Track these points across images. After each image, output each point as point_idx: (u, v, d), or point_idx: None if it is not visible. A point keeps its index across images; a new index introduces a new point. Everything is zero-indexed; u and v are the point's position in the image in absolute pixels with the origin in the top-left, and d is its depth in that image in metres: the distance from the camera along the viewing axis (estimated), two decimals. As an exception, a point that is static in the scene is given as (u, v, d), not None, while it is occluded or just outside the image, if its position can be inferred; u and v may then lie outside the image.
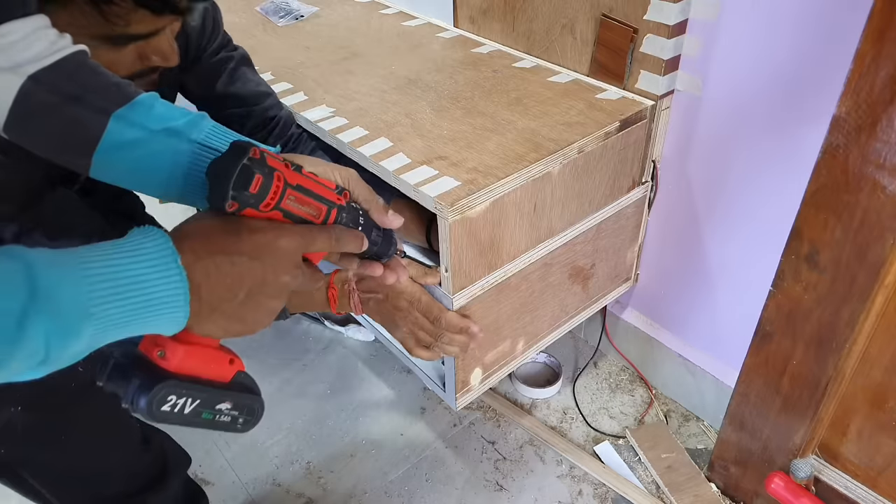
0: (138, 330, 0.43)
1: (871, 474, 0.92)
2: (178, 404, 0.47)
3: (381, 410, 1.31)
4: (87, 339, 0.40)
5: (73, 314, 0.39)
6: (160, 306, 0.42)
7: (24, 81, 0.51)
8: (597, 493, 1.15)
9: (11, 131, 0.53)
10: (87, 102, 0.54)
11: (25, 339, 0.36)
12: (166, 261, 0.43)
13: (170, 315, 0.43)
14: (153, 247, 0.43)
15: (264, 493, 1.18)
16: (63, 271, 0.39)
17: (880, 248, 0.75)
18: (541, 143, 0.89)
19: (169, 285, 0.42)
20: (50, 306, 0.37)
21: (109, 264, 0.41)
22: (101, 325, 0.40)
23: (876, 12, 0.66)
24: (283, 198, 0.48)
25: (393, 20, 1.34)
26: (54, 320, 0.38)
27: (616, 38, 0.99)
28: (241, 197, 0.46)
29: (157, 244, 0.43)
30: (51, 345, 0.38)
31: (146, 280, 0.41)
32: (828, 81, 0.82)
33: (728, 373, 1.16)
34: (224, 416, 0.51)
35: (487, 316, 0.93)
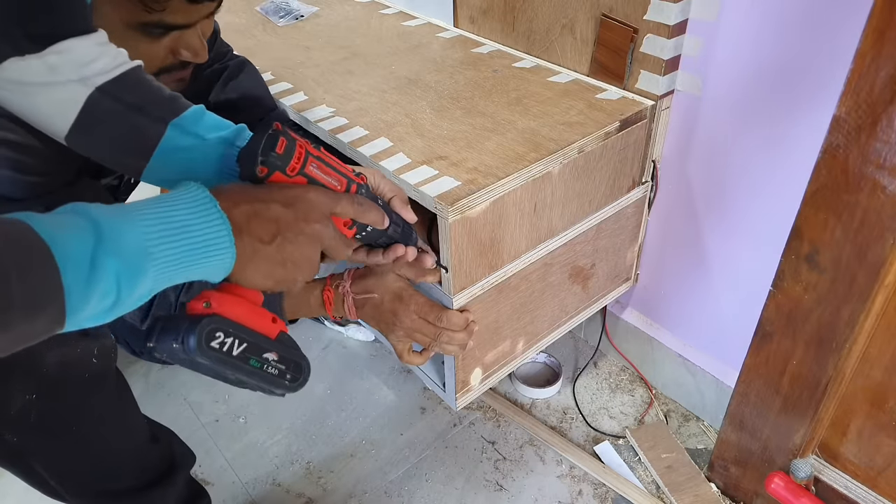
0: (194, 273, 0.47)
1: (871, 474, 0.93)
2: (227, 343, 0.49)
3: (381, 410, 1.31)
4: (151, 280, 0.44)
5: (135, 253, 0.43)
6: (207, 248, 0.47)
7: (92, 92, 0.58)
8: (597, 493, 1.15)
9: (74, 137, 0.59)
10: (147, 112, 0.60)
11: (98, 279, 0.41)
12: (207, 207, 0.47)
13: (218, 257, 0.48)
14: (192, 196, 0.48)
15: (264, 493, 1.18)
16: (121, 218, 0.44)
17: (880, 248, 0.75)
18: (541, 143, 0.89)
19: (211, 228, 0.47)
20: (115, 247, 0.42)
21: (158, 212, 0.46)
22: (159, 265, 0.44)
23: (876, 12, 0.66)
24: (307, 163, 0.53)
25: (393, 20, 1.34)
26: (121, 259, 0.42)
27: (616, 38, 0.99)
28: (269, 160, 0.51)
29: (195, 194, 0.48)
30: (121, 283, 0.42)
31: (192, 224, 0.46)
32: (828, 81, 0.82)
33: (728, 373, 1.16)
34: (271, 367, 0.52)
35: (487, 316, 0.93)
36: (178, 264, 0.46)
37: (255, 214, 0.50)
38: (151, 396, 1.35)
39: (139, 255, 0.43)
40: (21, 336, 0.39)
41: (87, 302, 0.41)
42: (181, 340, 0.48)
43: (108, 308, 0.43)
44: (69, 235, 0.40)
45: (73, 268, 0.40)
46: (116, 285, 0.42)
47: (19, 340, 0.39)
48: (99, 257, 0.41)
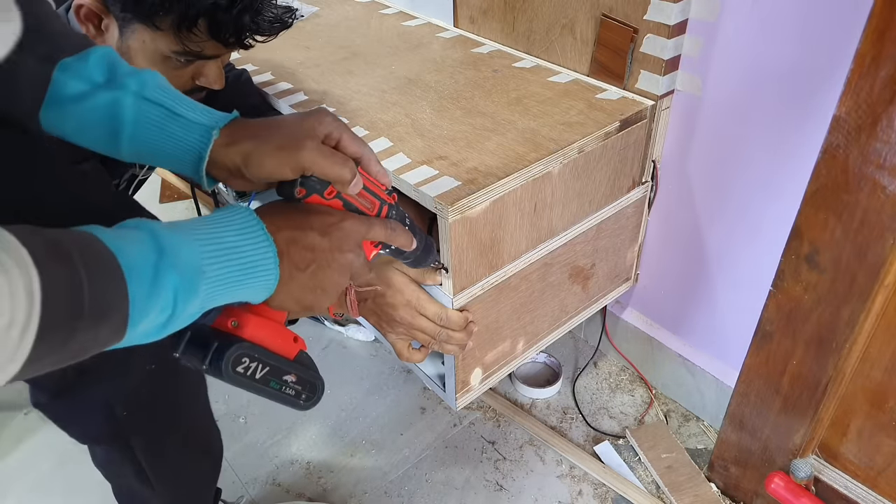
0: (238, 294, 0.48)
1: (871, 474, 0.93)
2: (251, 368, 0.52)
3: (381, 410, 1.31)
4: (202, 298, 0.45)
5: (191, 270, 0.44)
6: (254, 270, 0.48)
7: None
8: (597, 493, 1.15)
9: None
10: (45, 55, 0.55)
11: (159, 292, 0.41)
12: (255, 230, 0.48)
13: (263, 279, 0.49)
14: (241, 219, 0.49)
15: (264, 493, 1.18)
16: (178, 235, 0.44)
17: (880, 248, 0.75)
18: (541, 143, 0.89)
19: (259, 251, 0.48)
20: (175, 262, 0.43)
21: (211, 232, 0.46)
22: (211, 284, 0.45)
23: (876, 12, 0.66)
24: None
25: (393, 20, 1.34)
26: (180, 274, 0.43)
27: (616, 38, 0.99)
28: (308, 182, 0.52)
29: (244, 217, 0.49)
30: (178, 299, 0.43)
31: (241, 246, 0.47)
32: (828, 81, 0.82)
33: (728, 373, 1.16)
34: (289, 388, 0.56)
35: (487, 316, 0.93)
36: (227, 284, 0.47)
37: (294, 241, 0.51)
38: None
39: (194, 273, 0.44)
40: (83, 346, 0.39)
41: (146, 314, 0.41)
42: (209, 362, 0.50)
43: (162, 323, 0.43)
44: (133, 247, 0.41)
45: (138, 279, 0.40)
46: (174, 300, 0.43)
47: (80, 351, 0.39)
48: (161, 270, 0.42)
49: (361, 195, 0.56)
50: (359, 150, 0.57)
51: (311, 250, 0.52)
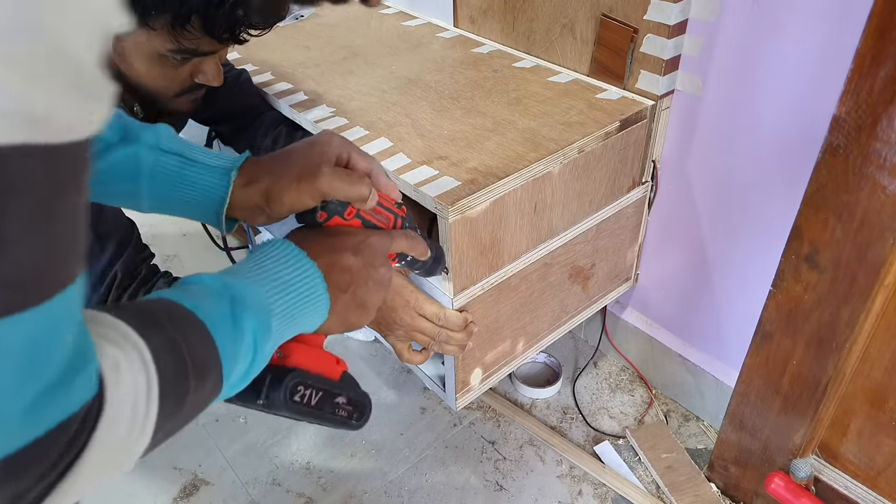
0: (299, 326, 0.49)
1: (871, 474, 0.93)
2: (306, 395, 0.53)
3: (381, 410, 1.31)
4: (274, 335, 0.46)
5: (262, 310, 0.45)
6: (310, 298, 0.49)
7: None
8: (597, 493, 1.15)
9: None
10: None
11: (242, 338, 0.42)
12: (302, 261, 0.50)
13: (319, 306, 0.50)
14: (288, 253, 0.50)
15: (264, 493, 1.18)
16: (241, 280, 0.46)
17: (880, 248, 0.75)
18: (541, 143, 0.89)
19: (310, 280, 0.49)
20: (247, 305, 0.43)
21: (267, 270, 0.48)
22: (279, 320, 0.46)
23: (876, 12, 0.66)
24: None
25: (393, 20, 1.34)
26: (255, 316, 0.43)
27: (616, 38, 0.99)
28: (328, 206, 0.54)
29: (290, 251, 0.50)
30: (257, 341, 0.44)
31: (296, 280, 0.48)
32: (828, 81, 0.82)
33: (728, 373, 1.16)
34: (342, 410, 0.56)
35: (487, 316, 0.93)
36: (291, 318, 0.47)
37: (332, 265, 0.52)
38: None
39: (265, 312, 0.45)
40: (193, 406, 0.39)
41: (235, 362, 0.42)
42: (266, 396, 0.50)
43: (246, 369, 0.44)
44: (207, 301, 0.42)
45: (222, 330, 0.41)
46: (254, 343, 0.43)
47: (191, 413, 0.39)
48: (238, 316, 0.42)
49: (377, 211, 0.57)
50: (368, 166, 0.58)
51: (349, 271, 0.53)
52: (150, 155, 0.58)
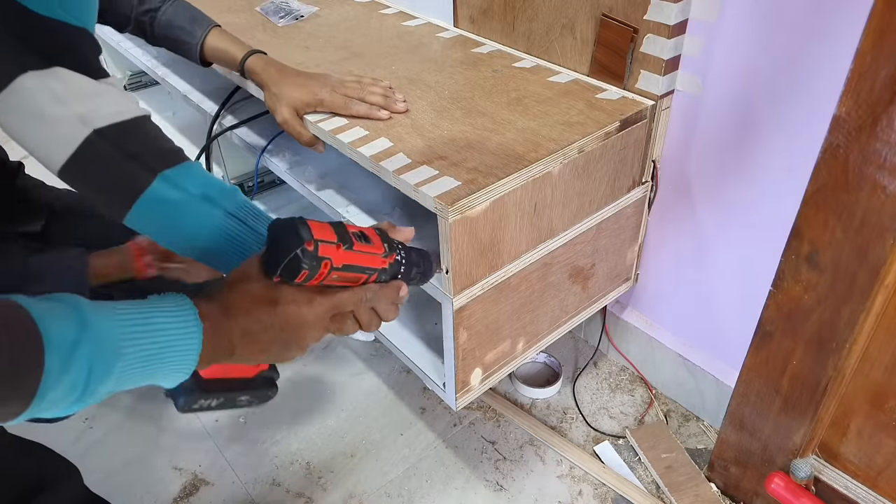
0: (152, 375, 0.47)
1: (871, 474, 0.93)
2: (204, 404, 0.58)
3: (381, 410, 1.31)
4: (115, 379, 0.44)
5: (109, 349, 0.43)
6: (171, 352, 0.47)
7: (90, 134, 0.59)
8: (597, 493, 1.15)
9: (66, 173, 0.61)
10: (142, 160, 0.62)
11: (73, 366, 0.41)
12: (186, 313, 0.48)
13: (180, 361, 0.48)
14: (174, 302, 0.48)
15: (264, 493, 1.18)
16: (102, 312, 0.44)
17: (880, 248, 0.75)
18: (541, 143, 0.89)
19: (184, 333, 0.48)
20: (95, 337, 0.42)
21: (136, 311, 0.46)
22: (126, 364, 0.45)
23: (876, 12, 0.66)
24: (326, 278, 0.53)
25: (393, 20, 1.34)
26: (97, 351, 0.42)
27: (616, 38, 0.99)
28: (285, 280, 0.52)
29: (178, 301, 0.49)
30: (91, 378, 0.42)
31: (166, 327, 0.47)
32: (828, 81, 0.82)
33: (728, 373, 1.16)
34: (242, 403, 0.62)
35: (487, 316, 0.93)
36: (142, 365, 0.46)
37: (247, 333, 0.52)
38: (152, 396, 1.35)
39: (112, 352, 0.44)
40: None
41: (56, 387, 0.41)
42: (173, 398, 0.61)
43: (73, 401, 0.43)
44: (57, 322, 0.41)
45: (56, 353, 0.40)
46: (86, 378, 0.42)
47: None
48: (80, 344, 0.41)
49: (346, 277, 0.54)
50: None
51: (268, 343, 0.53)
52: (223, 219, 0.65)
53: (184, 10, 1.06)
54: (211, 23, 1.06)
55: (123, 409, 1.33)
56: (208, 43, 1.04)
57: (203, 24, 1.05)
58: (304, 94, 0.97)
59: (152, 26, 1.05)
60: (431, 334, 1.11)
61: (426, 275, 0.64)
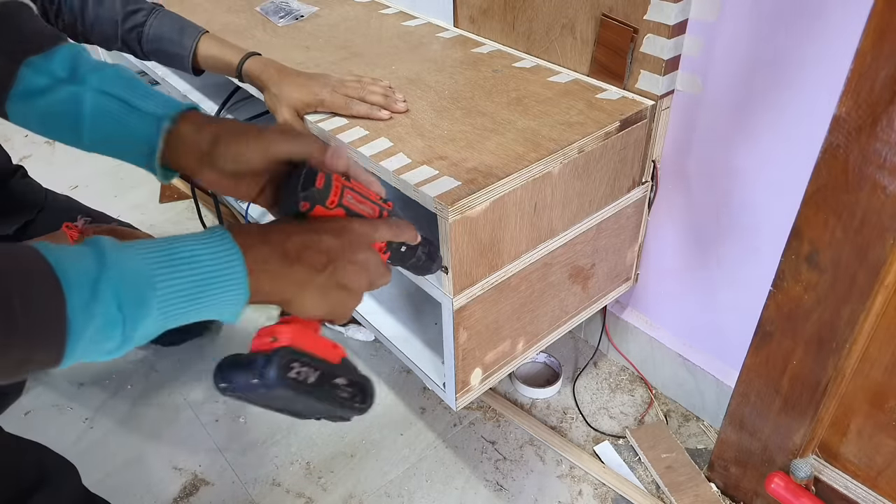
0: (202, 310, 0.45)
1: (871, 474, 0.93)
2: (303, 372, 0.50)
3: (381, 410, 1.31)
4: (156, 313, 0.43)
5: (139, 283, 0.42)
6: (217, 280, 0.45)
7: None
8: (597, 493, 1.15)
9: None
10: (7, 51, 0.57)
11: (98, 305, 0.40)
12: (217, 239, 0.46)
13: (228, 290, 0.46)
14: (204, 234, 0.47)
15: (264, 493, 1.18)
16: (127, 250, 0.43)
17: (880, 248, 0.75)
18: (541, 143, 0.89)
19: (220, 259, 0.46)
20: (118, 274, 0.41)
21: (163, 244, 0.45)
22: (164, 297, 0.43)
23: (876, 12, 0.66)
24: (343, 195, 0.54)
25: (393, 20, 1.34)
26: (124, 287, 0.41)
27: (616, 38, 0.99)
28: (310, 194, 0.52)
29: (209, 231, 0.47)
30: (125, 313, 0.41)
31: (198, 256, 0.45)
32: (828, 81, 0.82)
33: (728, 373, 1.16)
34: (343, 391, 0.54)
35: (487, 316, 0.93)
36: (185, 297, 0.44)
37: (307, 246, 0.51)
38: (152, 397, 1.35)
39: (142, 286, 0.42)
40: (17, 364, 0.38)
41: (85, 331, 0.40)
42: (259, 374, 0.48)
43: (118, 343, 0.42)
44: (75, 263, 0.40)
45: (77, 294, 0.39)
46: (121, 315, 0.41)
47: (14, 370, 0.38)
48: (101, 283, 0.40)
49: (358, 200, 0.57)
50: (345, 162, 0.57)
51: (326, 252, 0.52)
52: (93, 97, 0.58)
53: (170, 21, 1.04)
54: (200, 31, 1.04)
55: (123, 409, 1.33)
56: (200, 52, 1.03)
57: (192, 33, 1.04)
58: (304, 94, 0.97)
59: (140, 42, 1.04)
60: (431, 334, 1.11)
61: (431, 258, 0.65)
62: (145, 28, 1.03)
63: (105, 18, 1.03)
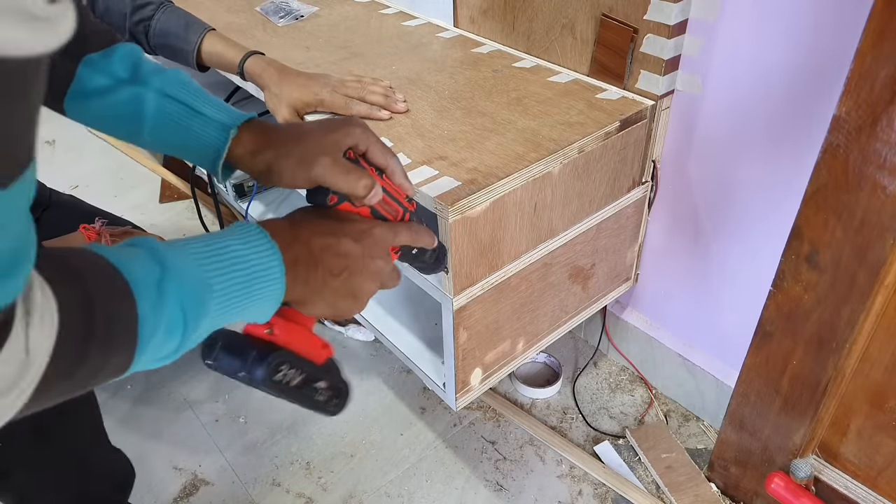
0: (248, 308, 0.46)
1: (871, 474, 0.93)
2: (288, 375, 0.52)
3: (381, 410, 1.31)
4: (212, 314, 0.43)
5: (197, 283, 0.42)
6: (262, 279, 0.46)
7: None
8: (597, 493, 1.15)
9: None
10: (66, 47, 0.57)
11: (166, 306, 0.39)
12: (258, 238, 0.47)
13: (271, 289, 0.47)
14: (243, 230, 0.47)
15: (264, 493, 1.18)
16: (178, 250, 0.43)
17: (880, 248, 0.75)
18: (541, 143, 0.89)
19: (263, 257, 0.46)
20: (179, 275, 0.41)
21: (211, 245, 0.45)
22: (220, 298, 0.43)
23: (876, 12, 0.66)
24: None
25: (393, 20, 1.34)
26: (185, 287, 0.41)
27: (616, 38, 0.99)
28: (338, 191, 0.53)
29: (246, 228, 0.47)
30: (188, 316, 0.41)
31: (246, 256, 0.45)
32: (828, 81, 0.82)
33: (728, 373, 1.16)
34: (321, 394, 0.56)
35: (487, 316, 0.93)
36: (236, 298, 0.45)
37: (328, 248, 0.51)
38: (152, 396, 1.35)
39: (201, 287, 0.43)
40: (93, 371, 0.37)
41: (154, 334, 0.39)
42: (247, 370, 0.50)
43: (175, 347, 0.42)
44: (136, 264, 0.39)
45: (145, 295, 0.38)
46: (183, 318, 0.41)
47: (90, 377, 0.37)
48: (165, 283, 0.40)
49: (386, 202, 0.57)
50: (384, 161, 0.58)
51: (345, 257, 0.52)
52: (155, 99, 0.59)
53: (177, 17, 1.05)
54: (205, 27, 1.05)
55: (124, 409, 1.33)
56: (204, 48, 1.04)
57: (197, 29, 1.05)
58: (304, 94, 0.97)
59: (147, 36, 1.06)
60: (431, 334, 1.11)
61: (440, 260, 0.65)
62: (153, 22, 1.04)
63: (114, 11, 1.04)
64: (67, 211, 1.19)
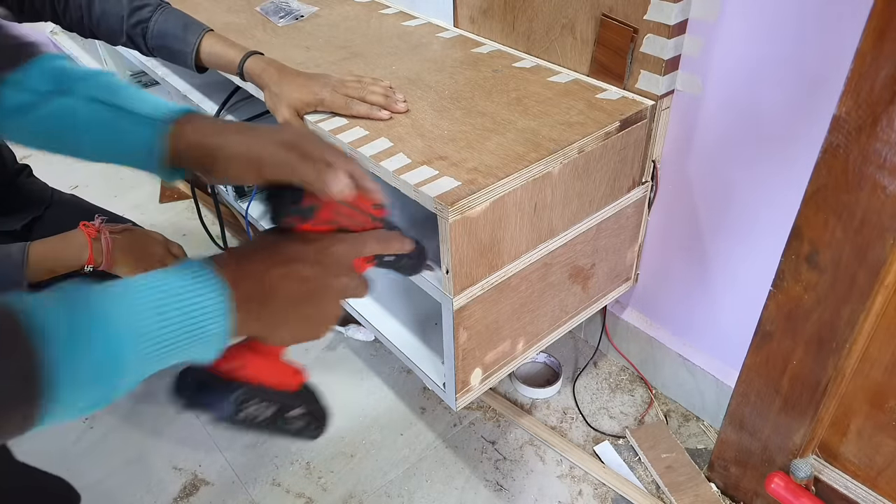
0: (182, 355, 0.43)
1: (871, 474, 0.93)
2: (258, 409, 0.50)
3: (381, 410, 1.31)
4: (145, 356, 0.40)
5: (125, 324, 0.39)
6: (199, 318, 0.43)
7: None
8: (597, 493, 1.15)
9: None
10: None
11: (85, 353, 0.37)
12: (200, 274, 0.44)
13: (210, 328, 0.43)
14: (186, 266, 0.44)
15: (264, 493, 1.18)
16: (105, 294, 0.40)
17: (880, 248, 0.75)
18: (541, 143, 0.89)
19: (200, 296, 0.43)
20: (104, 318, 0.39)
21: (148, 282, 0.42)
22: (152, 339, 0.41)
23: (876, 12, 0.66)
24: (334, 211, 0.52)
25: (393, 20, 1.34)
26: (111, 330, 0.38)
27: (616, 38, 0.99)
28: (298, 210, 0.51)
29: (189, 264, 0.44)
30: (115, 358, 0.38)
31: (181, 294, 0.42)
32: (828, 81, 0.82)
33: (728, 373, 1.16)
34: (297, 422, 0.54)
35: (487, 316, 0.93)
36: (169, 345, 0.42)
37: (285, 276, 0.48)
38: (152, 396, 1.35)
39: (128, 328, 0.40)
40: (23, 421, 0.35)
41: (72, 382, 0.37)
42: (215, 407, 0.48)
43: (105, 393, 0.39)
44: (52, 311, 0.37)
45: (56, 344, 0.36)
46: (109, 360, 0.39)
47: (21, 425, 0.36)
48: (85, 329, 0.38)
49: (351, 214, 0.54)
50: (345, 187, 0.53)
51: (305, 281, 0.49)
52: (85, 106, 0.56)
53: (175, 18, 1.05)
54: (203, 28, 1.05)
55: (124, 409, 1.33)
56: (203, 49, 1.04)
57: (196, 30, 1.04)
58: (304, 94, 0.97)
59: (145, 38, 1.05)
60: (431, 334, 1.11)
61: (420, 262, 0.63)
62: (150, 24, 1.04)
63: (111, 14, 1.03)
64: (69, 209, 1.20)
